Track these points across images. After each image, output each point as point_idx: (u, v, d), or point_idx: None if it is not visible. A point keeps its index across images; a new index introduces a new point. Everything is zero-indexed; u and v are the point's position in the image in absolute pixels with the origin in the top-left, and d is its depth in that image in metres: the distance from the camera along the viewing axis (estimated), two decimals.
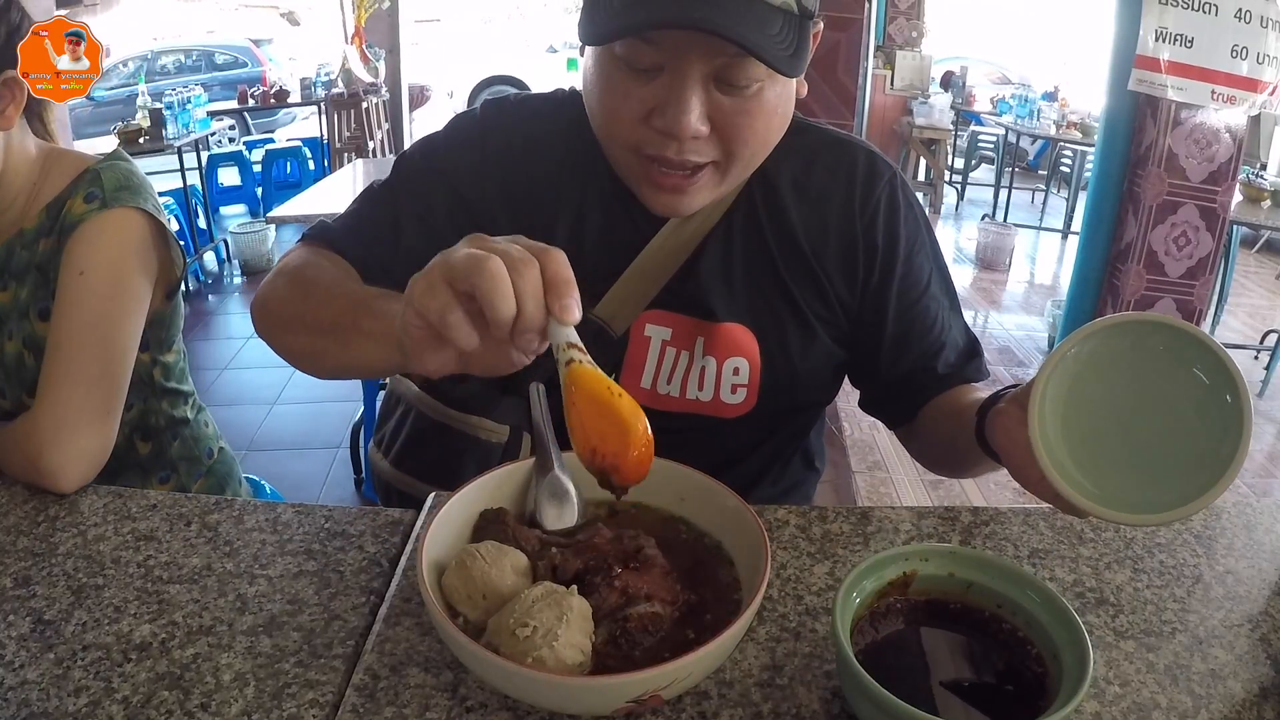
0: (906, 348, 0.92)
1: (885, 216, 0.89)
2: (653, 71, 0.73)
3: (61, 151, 1.06)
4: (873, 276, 0.90)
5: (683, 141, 0.74)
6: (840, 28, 3.06)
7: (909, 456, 1.01)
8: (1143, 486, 0.62)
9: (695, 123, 0.72)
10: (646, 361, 0.89)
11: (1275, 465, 3.20)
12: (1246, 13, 2.64)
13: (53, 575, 0.74)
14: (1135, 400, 0.63)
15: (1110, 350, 0.64)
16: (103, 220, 0.98)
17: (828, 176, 0.89)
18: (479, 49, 10.60)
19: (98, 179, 1.00)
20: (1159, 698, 0.63)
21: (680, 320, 0.88)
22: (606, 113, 0.77)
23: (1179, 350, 0.62)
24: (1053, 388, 0.64)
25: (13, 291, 1.02)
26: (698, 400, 0.89)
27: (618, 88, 0.75)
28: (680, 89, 0.71)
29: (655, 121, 0.74)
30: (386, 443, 1.01)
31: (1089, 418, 0.64)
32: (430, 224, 0.88)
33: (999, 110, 6.94)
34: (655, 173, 0.78)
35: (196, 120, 4.96)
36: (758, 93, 0.74)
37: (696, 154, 0.76)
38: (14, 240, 1.02)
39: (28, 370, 1.02)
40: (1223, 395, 0.61)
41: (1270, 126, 5.67)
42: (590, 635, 0.57)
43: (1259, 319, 4.83)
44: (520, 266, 0.53)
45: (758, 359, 0.88)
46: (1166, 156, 2.78)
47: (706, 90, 0.73)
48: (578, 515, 0.71)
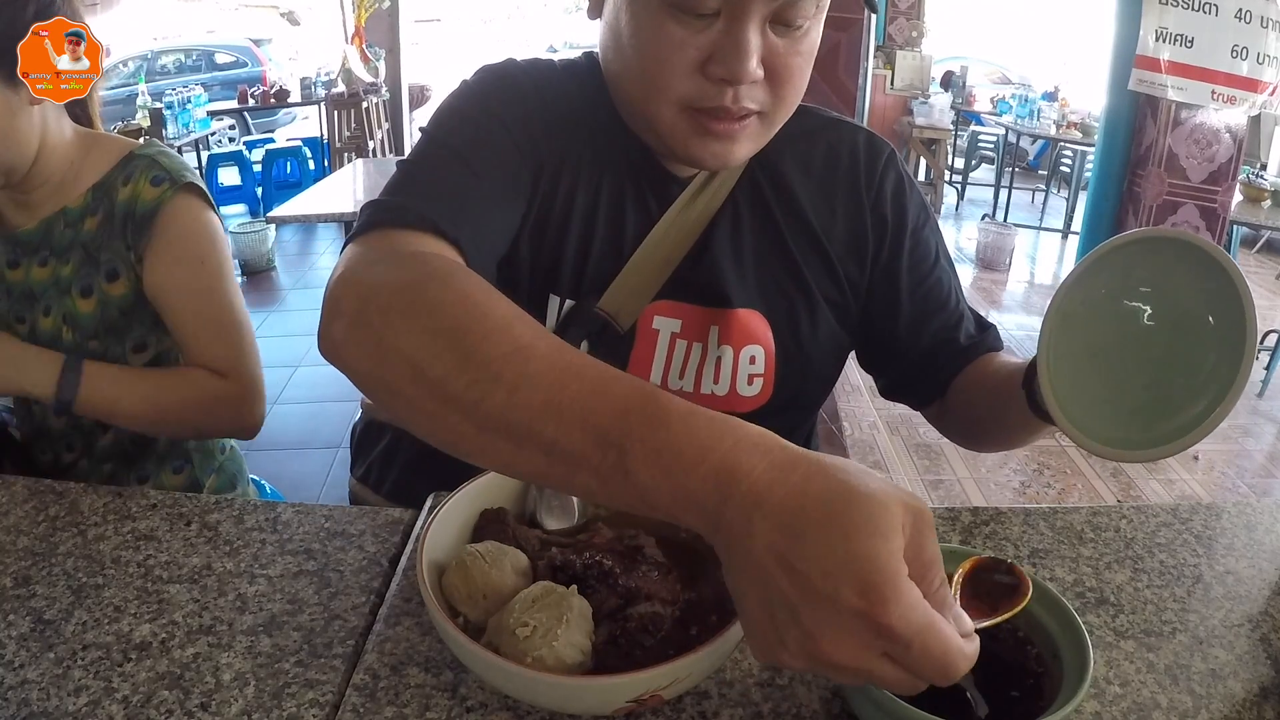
0: (926, 322, 0.91)
1: (893, 191, 0.89)
2: (708, 17, 0.70)
3: (98, 135, 1.10)
4: (883, 252, 0.89)
5: (739, 88, 0.72)
6: (840, 28, 3.06)
7: (909, 456, 1.00)
8: (1154, 420, 0.66)
9: (755, 67, 0.70)
10: (655, 356, 0.86)
11: (1275, 465, 3.20)
12: (1246, 13, 2.64)
13: (53, 575, 0.74)
14: (1141, 333, 0.67)
15: (1109, 285, 0.67)
16: (189, 204, 1.06)
17: (831, 155, 0.89)
18: (479, 49, 10.60)
19: (155, 163, 1.06)
20: (1159, 698, 0.63)
21: (691, 310, 0.85)
22: (653, 65, 0.72)
23: (1177, 266, 0.65)
24: (1058, 342, 0.66)
25: (52, 268, 1.06)
26: (713, 395, 0.86)
27: (668, 37, 0.70)
28: (741, 32, 0.69)
29: (713, 69, 0.71)
30: (375, 478, 0.97)
31: (1101, 362, 0.67)
32: (507, 177, 0.77)
33: (999, 110, 6.94)
34: (705, 120, 0.74)
35: (196, 120, 4.97)
36: (806, 32, 0.73)
37: (751, 100, 0.73)
38: (55, 218, 1.06)
39: (64, 345, 1.05)
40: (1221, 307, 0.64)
41: (1270, 126, 5.68)
42: (590, 635, 0.57)
43: (1259, 319, 4.83)
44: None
45: (772, 346, 0.86)
46: (1166, 156, 2.78)
47: (763, 33, 0.71)
48: (578, 515, 0.71)
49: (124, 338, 1.08)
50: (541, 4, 14.59)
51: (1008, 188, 6.79)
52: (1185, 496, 2.87)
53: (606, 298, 0.83)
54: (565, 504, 0.71)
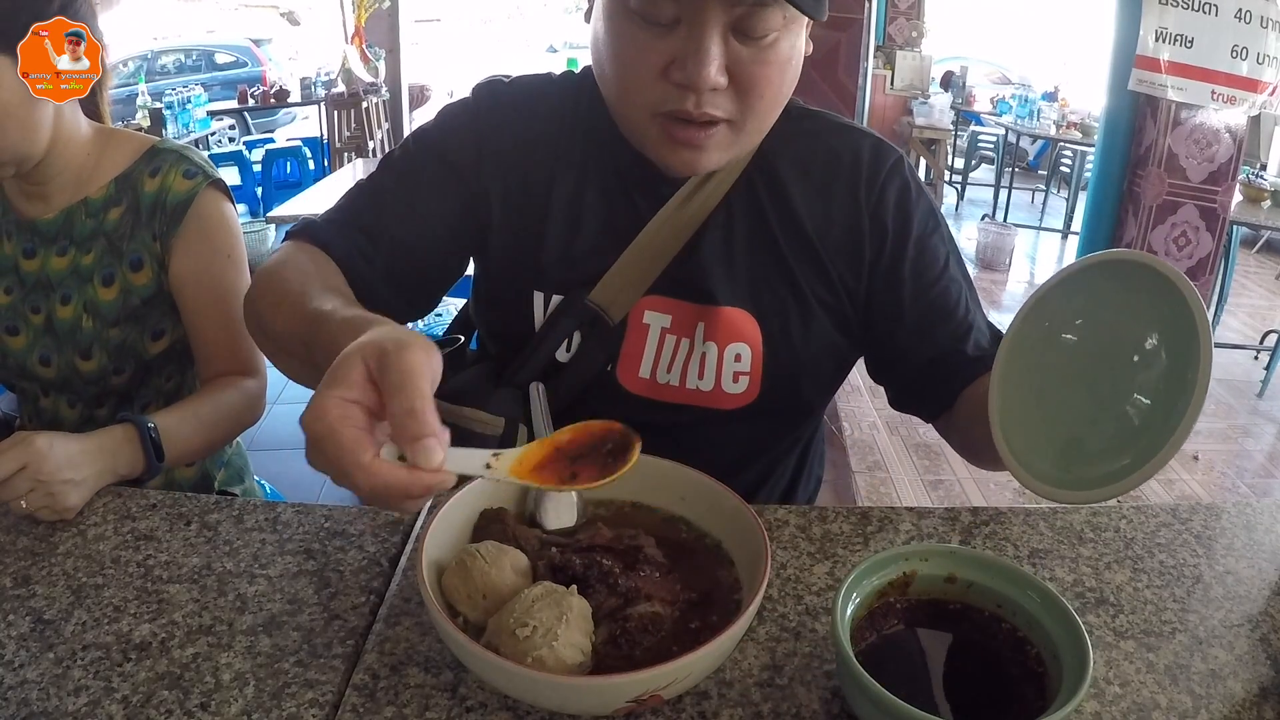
0: (931, 331, 0.89)
1: (896, 198, 0.88)
2: (670, 25, 0.72)
3: (113, 130, 1.13)
4: (882, 259, 0.89)
5: (701, 94, 0.74)
6: (840, 28, 3.06)
7: (909, 456, 1.00)
8: (1108, 459, 0.61)
9: (715, 74, 0.72)
10: (645, 349, 0.88)
11: (1275, 465, 3.20)
12: (1246, 13, 2.65)
13: (52, 575, 0.74)
14: (1087, 366, 0.63)
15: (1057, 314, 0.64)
16: (218, 199, 1.10)
17: (833, 160, 0.89)
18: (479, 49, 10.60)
19: (183, 157, 1.09)
20: (1159, 698, 0.63)
21: (680, 306, 0.87)
22: (623, 70, 0.76)
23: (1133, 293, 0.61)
24: (1008, 373, 0.64)
25: (71, 257, 1.08)
26: (698, 390, 0.88)
27: (634, 43, 0.74)
28: (700, 39, 0.71)
29: (674, 74, 0.73)
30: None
31: (1049, 396, 0.64)
32: (420, 210, 0.87)
33: (999, 110, 6.94)
34: (672, 128, 0.77)
35: (196, 120, 4.97)
36: (774, 43, 0.74)
37: (715, 107, 0.75)
38: (77, 208, 1.08)
39: (84, 334, 1.08)
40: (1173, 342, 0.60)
41: (1270, 126, 5.68)
42: (590, 635, 0.57)
43: (1259, 319, 4.83)
44: (321, 449, 0.51)
45: (760, 345, 0.87)
46: (1166, 156, 2.78)
47: (725, 41, 0.72)
48: (578, 515, 0.71)
49: (144, 326, 1.10)
50: (541, 4, 14.63)
51: (1007, 188, 6.79)
52: (1185, 496, 2.87)
53: (598, 291, 0.86)
54: (565, 504, 0.71)
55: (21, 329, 1.09)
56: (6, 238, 1.09)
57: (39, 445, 0.79)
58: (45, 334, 1.08)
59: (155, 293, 1.09)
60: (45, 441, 0.80)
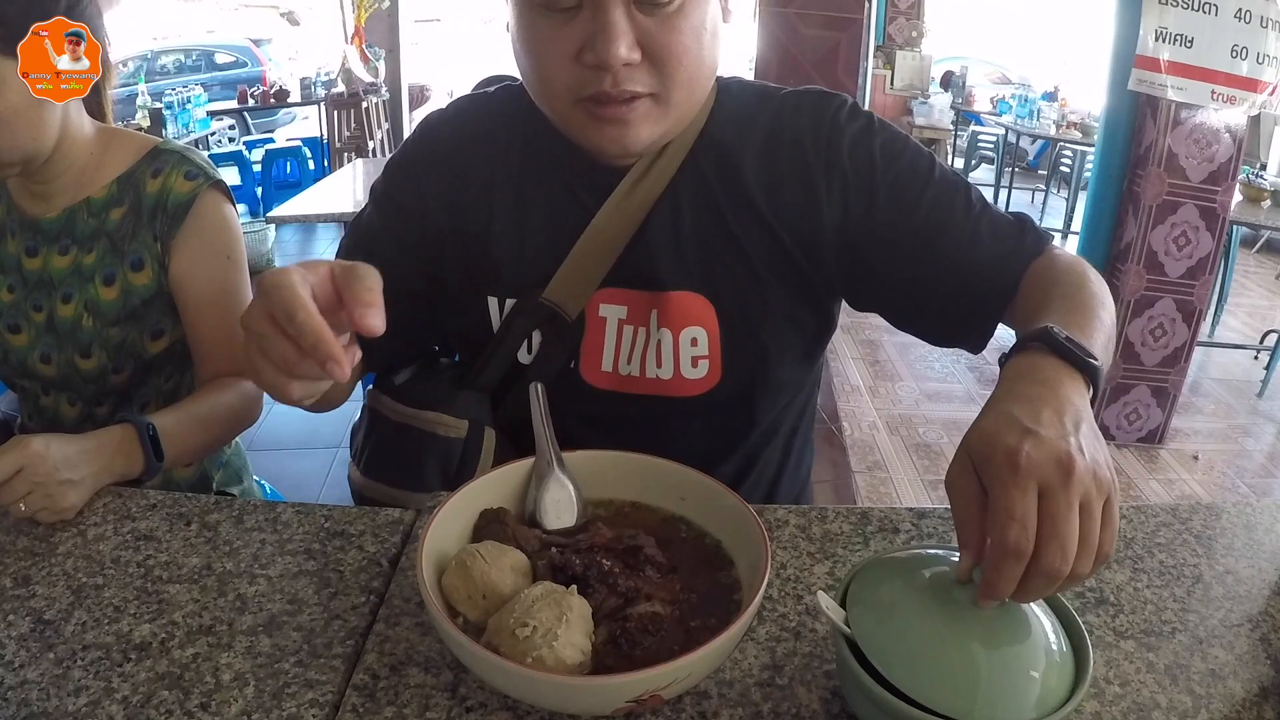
0: (933, 246, 0.84)
1: (851, 141, 0.85)
2: (574, 9, 0.73)
3: (116, 130, 1.13)
4: (849, 205, 0.84)
5: (616, 71, 0.74)
6: (840, 28, 3.06)
7: (909, 456, 0.99)
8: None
9: (625, 50, 0.72)
10: (605, 343, 0.88)
11: (1275, 465, 3.20)
12: (1246, 13, 2.65)
13: (52, 575, 0.74)
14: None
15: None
16: (219, 200, 1.10)
17: (776, 122, 0.87)
18: (479, 49, 10.59)
19: (185, 158, 1.10)
20: (1159, 698, 0.63)
21: (633, 296, 0.87)
22: (538, 62, 0.77)
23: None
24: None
25: (73, 256, 1.08)
26: (658, 379, 0.87)
27: (543, 33, 0.75)
28: (604, 17, 0.72)
29: (586, 57, 0.74)
30: (358, 453, 1.00)
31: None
32: (385, 262, 0.87)
33: (999, 110, 6.94)
34: (595, 109, 0.77)
35: (196, 120, 4.97)
36: (680, 9, 0.74)
37: (633, 83, 0.75)
38: (79, 208, 1.08)
39: (84, 333, 1.08)
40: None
41: (1270, 126, 5.68)
42: (590, 635, 0.57)
43: (1259, 319, 4.83)
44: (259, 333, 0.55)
45: (716, 326, 0.86)
46: (1166, 156, 2.78)
47: (630, 15, 0.73)
48: (578, 515, 0.71)
49: (144, 325, 1.10)
50: None
51: (1007, 188, 6.79)
52: (1185, 496, 2.87)
53: (551, 288, 0.86)
54: (565, 504, 0.71)
55: (23, 327, 1.09)
56: (10, 236, 1.09)
57: (35, 447, 0.80)
58: (46, 332, 1.09)
59: (155, 293, 1.09)
60: (42, 443, 0.80)
